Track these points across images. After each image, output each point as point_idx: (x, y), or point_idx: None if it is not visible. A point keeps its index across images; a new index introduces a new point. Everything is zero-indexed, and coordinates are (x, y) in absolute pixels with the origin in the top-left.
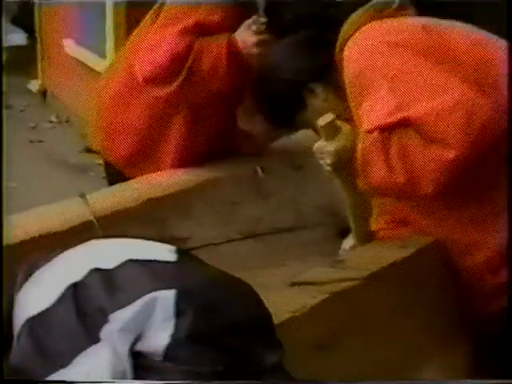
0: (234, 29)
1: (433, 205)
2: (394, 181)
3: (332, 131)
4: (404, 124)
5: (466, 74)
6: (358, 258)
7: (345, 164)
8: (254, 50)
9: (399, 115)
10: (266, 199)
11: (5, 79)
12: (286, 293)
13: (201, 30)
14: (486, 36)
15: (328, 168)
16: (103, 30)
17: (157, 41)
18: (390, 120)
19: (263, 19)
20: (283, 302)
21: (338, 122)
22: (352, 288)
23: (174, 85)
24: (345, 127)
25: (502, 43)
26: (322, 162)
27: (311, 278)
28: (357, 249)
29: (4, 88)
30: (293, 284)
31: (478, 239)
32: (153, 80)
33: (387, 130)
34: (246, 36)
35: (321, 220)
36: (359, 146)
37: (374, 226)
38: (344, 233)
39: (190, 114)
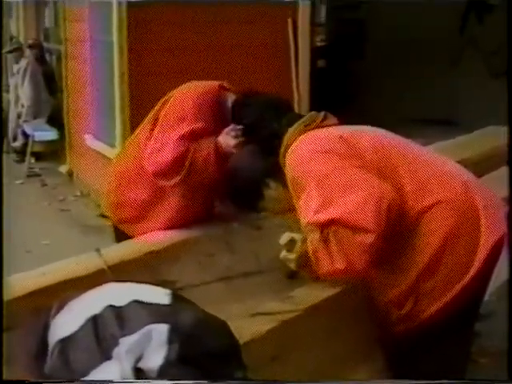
0: (213, 131)
1: None
2: (336, 268)
3: (290, 245)
4: (333, 223)
5: (372, 167)
6: (301, 295)
7: (304, 262)
8: (233, 151)
9: (326, 216)
10: (234, 252)
11: (41, 164)
12: (248, 321)
13: (192, 136)
14: (388, 134)
15: (293, 267)
16: (113, 127)
17: (160, 144)
18: (318, 218)
19: (239, 126)
20: (247, 327)
21: (294, 236)
22: (296, 317)
23: (177, 178)
24: (298, 239)
25: (399, 138)
26: (289, 264)
27: (266, 310)
28: (300, 288)
29: (40, 171)
30: (253, 315)
31: (389, 283)
32: (160, 175)
33: (325, 228)
34: (227, 140)
35: (273, 266)
36: (309, 248)
37: None
38: (291, 276)
39: (183, 195)
